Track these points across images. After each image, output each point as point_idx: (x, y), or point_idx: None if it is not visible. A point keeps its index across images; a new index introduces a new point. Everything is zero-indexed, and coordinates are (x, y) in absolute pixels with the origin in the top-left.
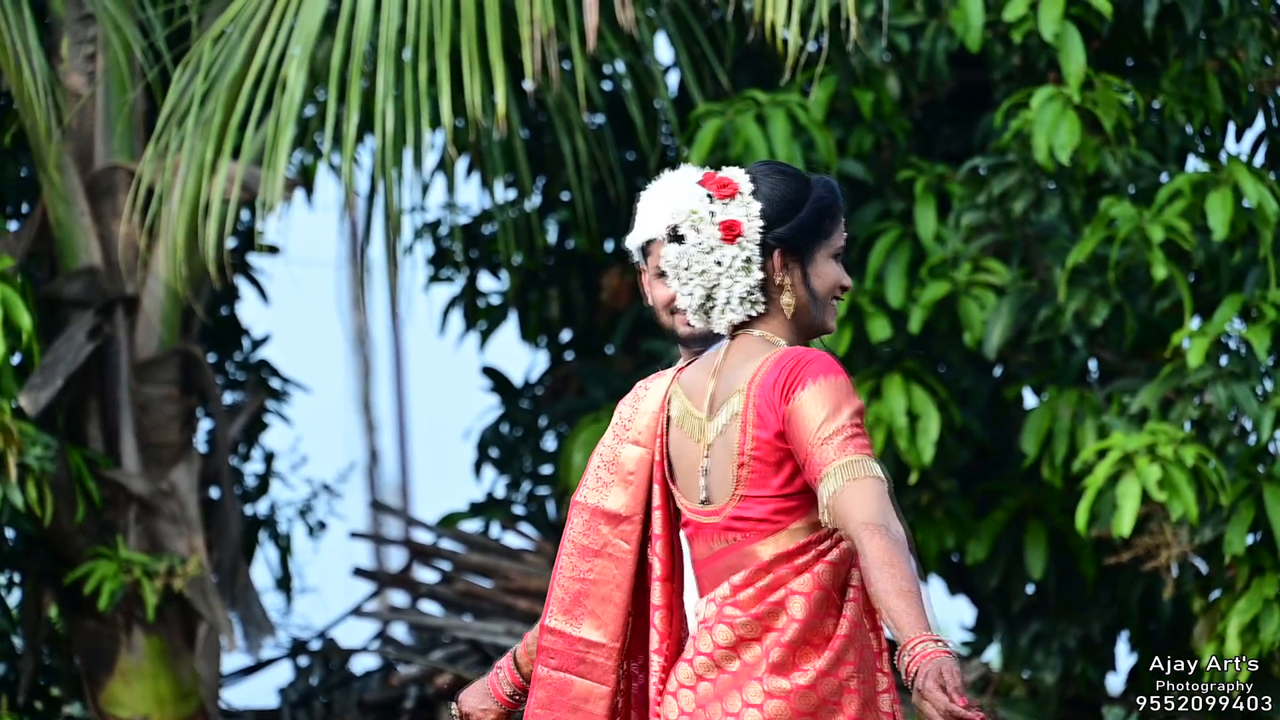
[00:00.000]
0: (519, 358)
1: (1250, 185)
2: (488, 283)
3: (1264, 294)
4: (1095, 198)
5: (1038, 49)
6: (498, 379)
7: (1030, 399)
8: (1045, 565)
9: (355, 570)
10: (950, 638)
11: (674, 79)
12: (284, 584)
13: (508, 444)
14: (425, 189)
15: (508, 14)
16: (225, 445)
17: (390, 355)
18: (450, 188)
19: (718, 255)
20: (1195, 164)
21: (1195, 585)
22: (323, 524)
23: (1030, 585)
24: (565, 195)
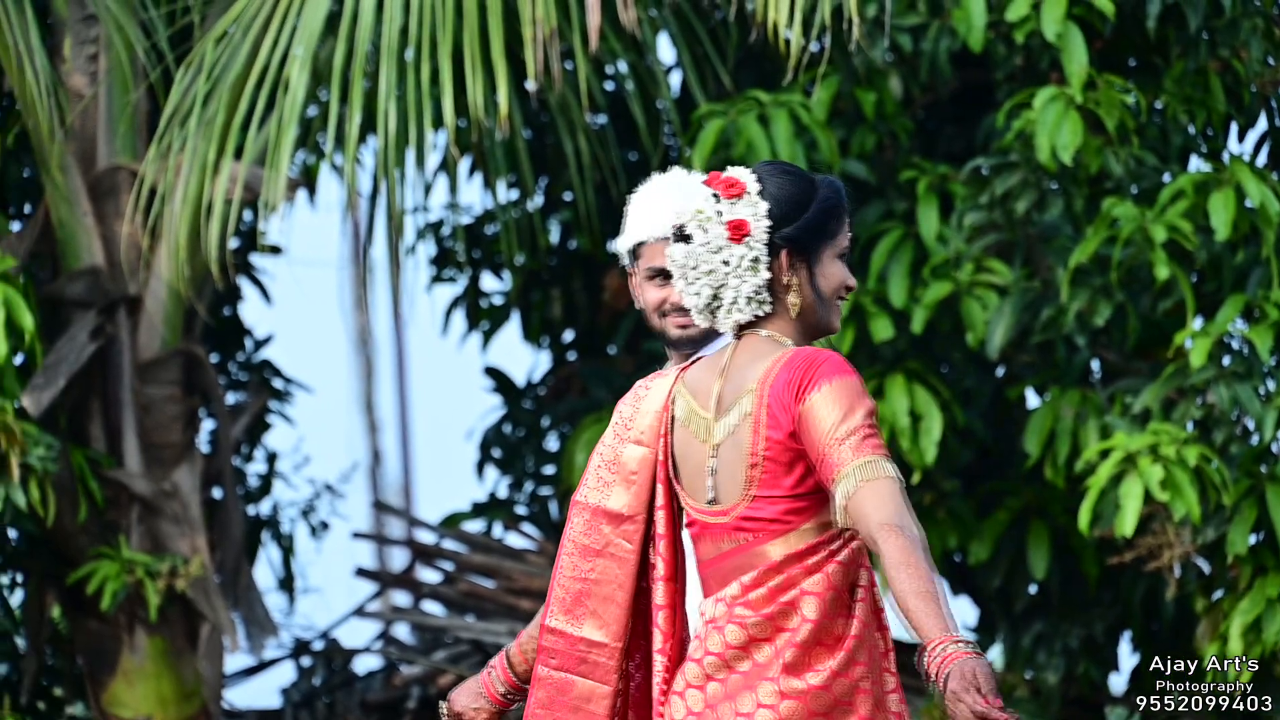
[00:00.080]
0: (521, 358)
1: (1253, 185)
2: (490, 283)
3: (1266, 294)
4: (1098, 198)
5: (1040, 49)
6: (500, 379)
7: (1033, 399)
8: (1048, 565)
9: (358, 570)
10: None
11: (676, 79)
12: (286, 584)
13: (510, 444)
14: (428, 189)
15: (510, 14)
16: (228, 445)
17: (393, 355)
18: (453, 188)
19: (725, 255)
20: (1198, 164)
21: (1198, 585)
22: (325, 524)
23: (1033, 585)
24: (568, 195)
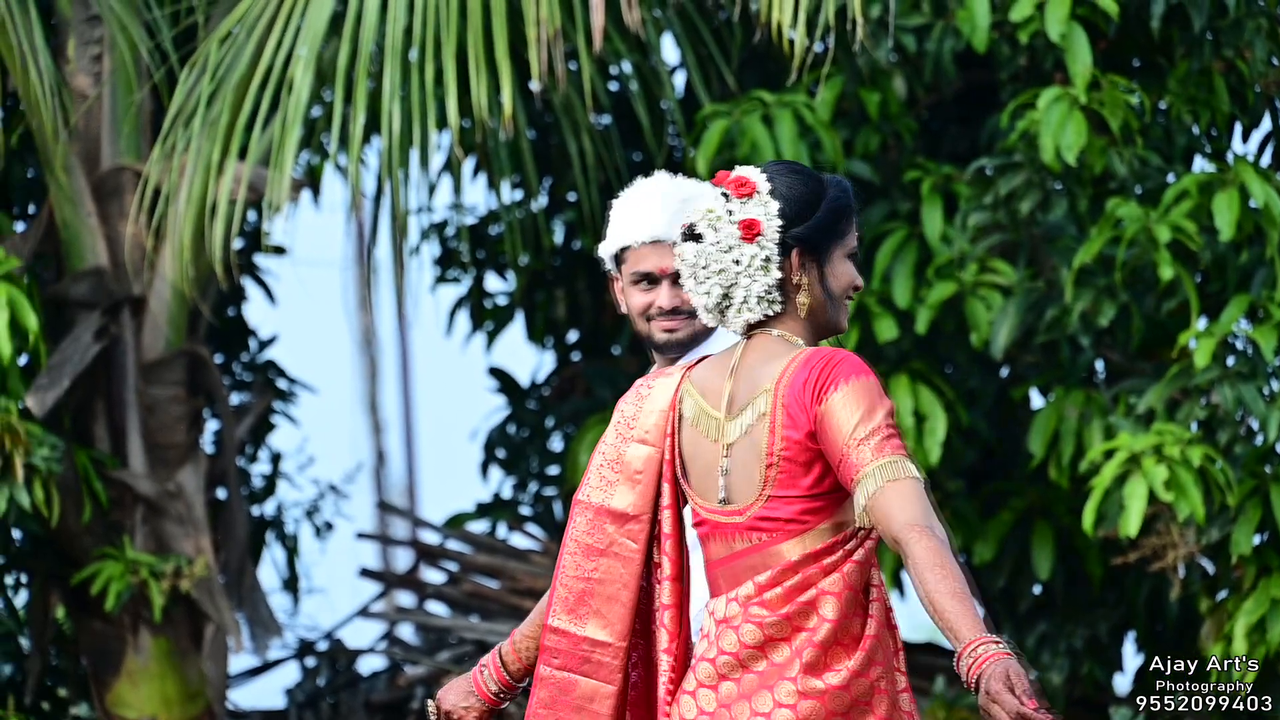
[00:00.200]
0: (525, 358)
1: (1257, 185)
2: (494, 283)
3: (1271, 294)
4: (1102, 198)
5: (1044, 49)
6: (504, 379)
7: (1037, 399)
8: (1052, 566)
9: (362, 571)
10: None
11: (680, 79)
12: (291, 585)
13: (514, 444)
14: (432, 190)
15: (514, 14)
16: (232, 446)
17: (397, 356)
18: (457, 188)
19: (736, 254)
20: (1202, 164)
21: (1202, 586)
22: (329, 525)
23: (1037, 586)
24: (572, 196)
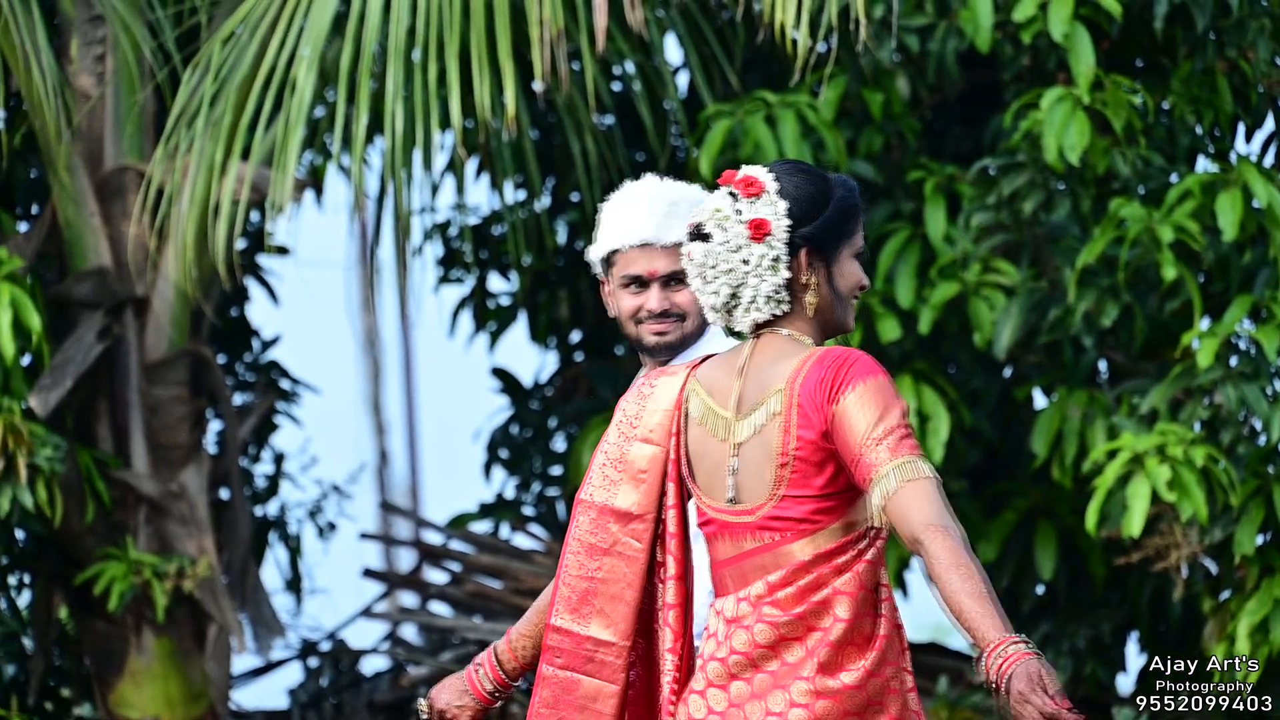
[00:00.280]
0: (528, 358)
1: (1260, 186)
2: (497, 284)
3: (1274, 294)
4: (1105, 198)
5: (1047, 49)
6: (507, 380)
7: (1040, 400)
8: (1055, 566)
9: (365, 571)
10: (965, 639)
11: (684, 80)
12: (294, 585)
13: (517, 445)
14: (435, 190)
15: (517, 15)
16: (235, 446)
17: (400, 356)
18: (460, 189)
19: (745, 254)
20: (1205, 164)
21: (1205, 586)
22: (332, 525)
23: (1040, 586)
24: (575, 196)
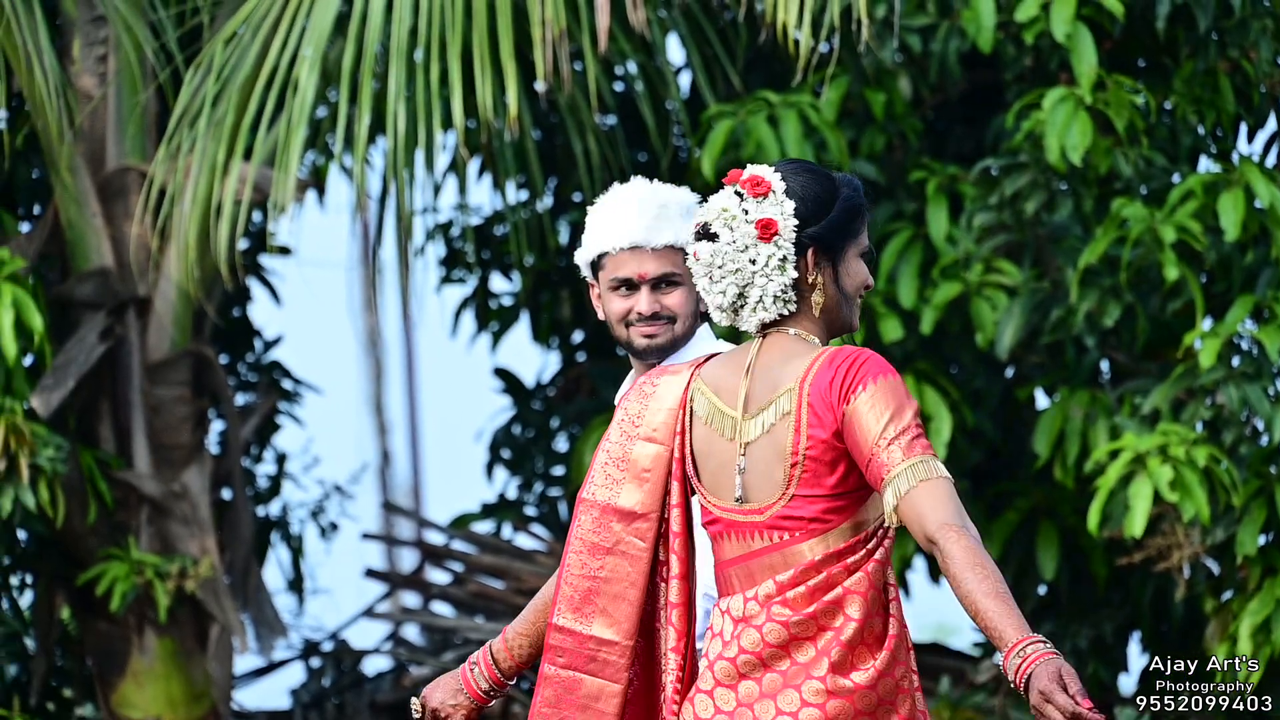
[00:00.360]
0: (531, 359)
1: (1262, 186)
2: (499, 284)
3: (1276, 294)
4: (1107, 198)
5: (1049, 50)
6: (509, 380)
7: (1042, 400)
8: (1057, 566)
9: (367, 571)
10: (967, 639)
11: (686, 80)
12: (296, 585)
13: (519, 445)
14: (437, 190)
15: (519, 15)
16: (237, 446)
17: (402, 356)
18: (462, 189)
19: (752, 254)
20: (1207, 165)
21: (1207, 586)
22: (335, 525)
23: (1042, 586)
24: (577, 196)
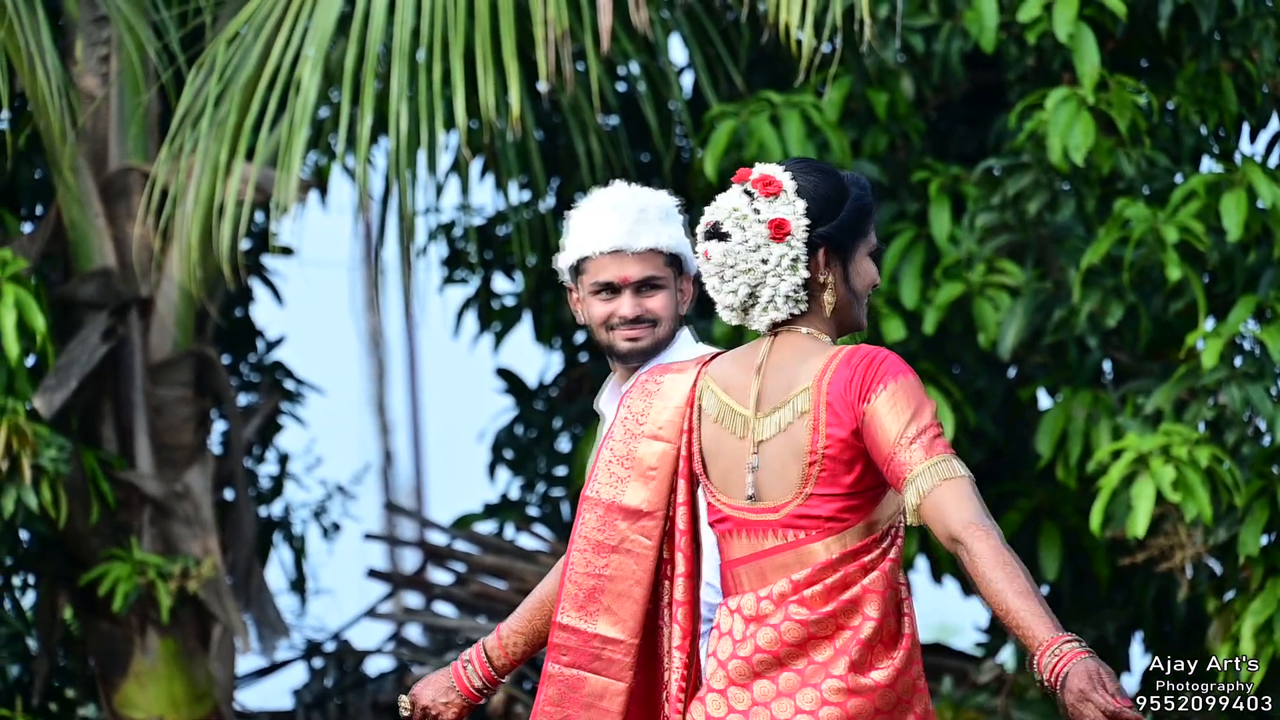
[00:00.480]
0: (533, 359)
1: (1265, 186)
2: (502, 284)
3: (1278, 295)
4: (1110, 199)
5: (1052, 50)
6: (512, 380)
7: (1045, 400)
8: (1059, 566)
9: (370, 572)
10: (969, 639)
11: (688, 80)
12: (298, 586)
13: (522, 445)
14: (439, 190)
15: (522, 15)
16: (240, 447)
17: (404, 357)
18: (464, 189)
19: (764, 253)
20: (1210, 165)
21: (1209, 586)
22: (337, 526)
23: (1044, 586)
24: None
